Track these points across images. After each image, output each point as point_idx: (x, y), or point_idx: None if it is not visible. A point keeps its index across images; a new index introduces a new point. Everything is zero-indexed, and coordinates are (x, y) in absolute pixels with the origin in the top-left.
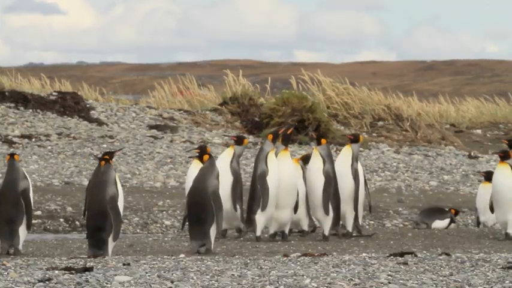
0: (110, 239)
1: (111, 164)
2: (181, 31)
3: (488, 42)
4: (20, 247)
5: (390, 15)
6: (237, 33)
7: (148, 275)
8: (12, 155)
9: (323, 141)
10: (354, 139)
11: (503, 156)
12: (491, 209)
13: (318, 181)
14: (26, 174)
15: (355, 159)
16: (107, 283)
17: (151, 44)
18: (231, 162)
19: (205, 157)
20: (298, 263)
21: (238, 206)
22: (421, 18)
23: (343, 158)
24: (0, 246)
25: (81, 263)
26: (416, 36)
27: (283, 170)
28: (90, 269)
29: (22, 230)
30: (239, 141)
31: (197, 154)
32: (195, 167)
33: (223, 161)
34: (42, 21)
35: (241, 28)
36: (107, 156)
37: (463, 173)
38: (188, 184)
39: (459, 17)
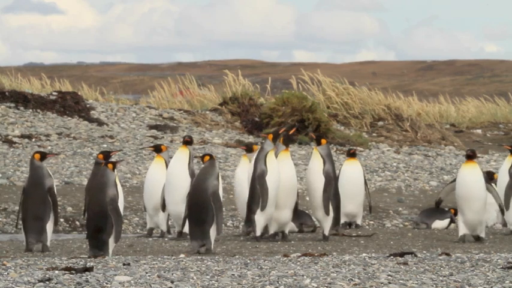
0: (111, 240)
1: (111, 168)
2: (181, 31)
3: (488, 42)
4: (48, 243)
5: (389, 15)
6: (236, 33)
7: (149, 275)
8: (36, 153)
9: (323, 141)
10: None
11: (471, 156)
12: (437, 204)
13: (318, 181)
14: (49, 172)
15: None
16: (107, 283)
17: (151, 44)
18: (189, 163)
19: (206, 158)
20: (298, 263)
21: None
22: (420, 18)
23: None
24: (27, 241)
25: (81, 263)
26: (416, 36)
27: (283, 170)
28: (90, 269)
29: (49, 227)
30: (191, 142)
31: (200, 154)
32: (156, 164)
33: (181, 162)
34: (40, 21)
35: (241, 28)
36: (101, 156)
37: None
38: (148, 182)
39: (459, 17)
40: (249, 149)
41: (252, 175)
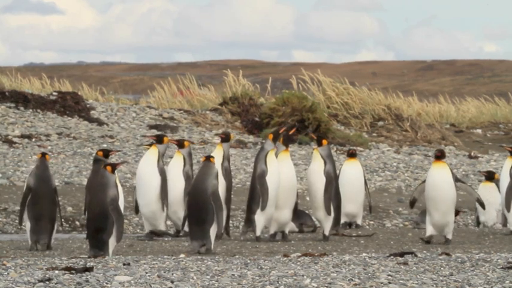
0: (113, 240)
1: (110, 171)
2: (181, 31)
3: (488, 42)
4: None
5: (389, 15)
6: (236, 33)
7: (149, 275)
8: (43, 154)
9: (324, 142)
10: (225, 138)
11: (440, 156)
12: (412, 204)
13: (319, 182)
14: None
15: (226, 158)
16: (107, 283)
17: (151, 44)
18: (158, 162)
19: (202, 159)
20: (298, 263)
21: (164, 207)
22: (420, 18)
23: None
24: (39, 243)
25: (81, 263)
26: (415, 36)
27: (283, 170)
28: (90, 269)
29: (56, 226)
30: (160, 140)
31: (201, 154)
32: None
33: (150, 162)
34: (40, 21)
35: (240, 28)
36: (100, 153)
37: (463, 173)
38: (139, 178)
39: (459, 17)
40: (180, 144)
41: (252, 175)
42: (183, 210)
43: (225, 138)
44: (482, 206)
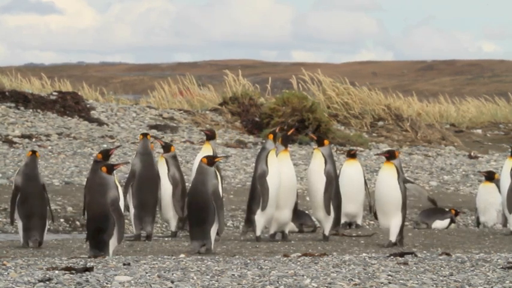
0: (114, 241)
1: (105, 172)
2: (180, 31)
3: (488, 42)
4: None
5: (388, 15)
6: (235, 33)
7: (149, 275)
8: (34, 152)
9: (326, 142)
10: (211, 135)
11: (389, 157)
12: (376, 215)
13: (319, 182)
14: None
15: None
16: (107, 283)
17: (151, 44)
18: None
19: (203, 160)
20: (298, 263)
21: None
22: (420, 18)
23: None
24: (30, 240)
25: (81, 263)
26: (415, 36)
27: (282, 170)
28: (90, 269)
29: (47, 223)
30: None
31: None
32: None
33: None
34: (39, 21)
35: (239, 28)
36: (100, 155)
37: (463, 173)
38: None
39: (459, 16)
40: None
41: (252, 175)
42: (171, 211)
43: (211, 135)
44: (434, 203)
